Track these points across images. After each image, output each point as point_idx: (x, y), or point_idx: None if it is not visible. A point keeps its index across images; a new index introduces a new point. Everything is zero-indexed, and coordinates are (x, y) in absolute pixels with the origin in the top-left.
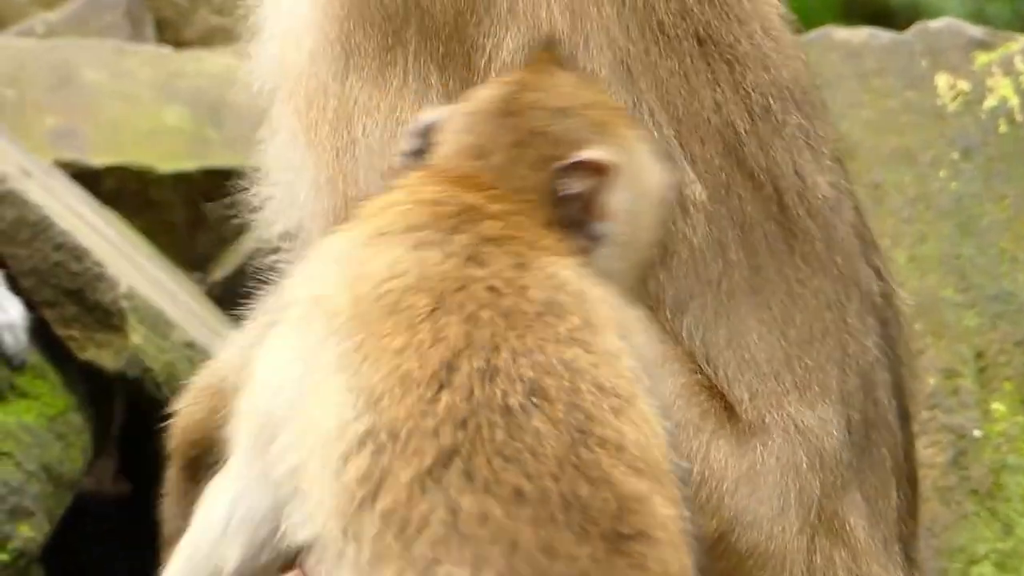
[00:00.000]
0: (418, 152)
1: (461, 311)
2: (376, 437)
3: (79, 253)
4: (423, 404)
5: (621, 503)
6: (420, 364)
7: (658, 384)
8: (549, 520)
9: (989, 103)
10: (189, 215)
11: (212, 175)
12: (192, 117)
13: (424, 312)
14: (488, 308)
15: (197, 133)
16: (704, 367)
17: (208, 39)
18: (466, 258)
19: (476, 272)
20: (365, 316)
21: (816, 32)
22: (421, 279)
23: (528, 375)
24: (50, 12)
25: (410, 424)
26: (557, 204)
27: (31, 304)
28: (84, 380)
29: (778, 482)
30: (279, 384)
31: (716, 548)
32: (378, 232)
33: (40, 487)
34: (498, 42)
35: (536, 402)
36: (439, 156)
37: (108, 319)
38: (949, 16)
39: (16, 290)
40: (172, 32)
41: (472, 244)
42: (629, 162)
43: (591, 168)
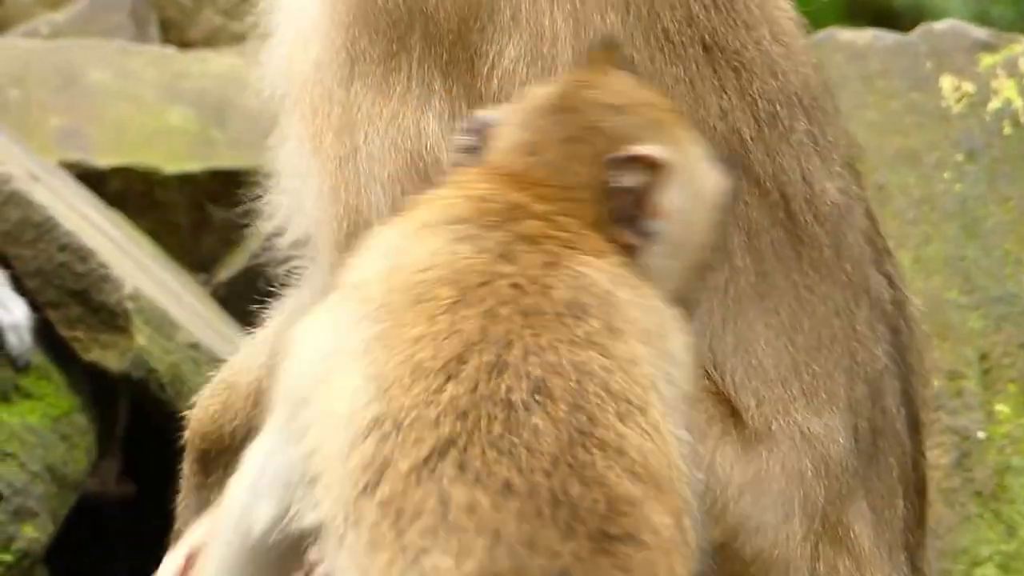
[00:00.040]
0: (473, 148)
1: (481, 305)
2: (382, 425)
3: (84, 254)
4: (429, 394)
5: (612, 504)
6: (433, 355)
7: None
8: (535, 515)
9: (993, 105)
10: (194, 216)
11: (217, 176)
12: (197, 118)
13: (446, 304)
14: (508, 305)
15: (202, 134)
16: (711, 373)
17: (213, 40)
18: (497, 255)
19: (503, 268)
20: (393, 305)
21: (821, 33)
22: (450, 272)
23: (536, 373)
24: (55, 13)
25: (414, 413)
26: (609, 198)
27: (36, 305)
28: (88, 381)
29: (783, 490)
30: (310, 360)
31: (720, 554)
32: (423, 224)
33: (44, 488)
34: (501, 49)
35: (539, 400)
36: (493, 153)
37: (113, 320)
38: (953, 18)
39: (21, 291)
40: (177, 33)
41: (506, 241)
42: (684, 162)
43: (645, 163)
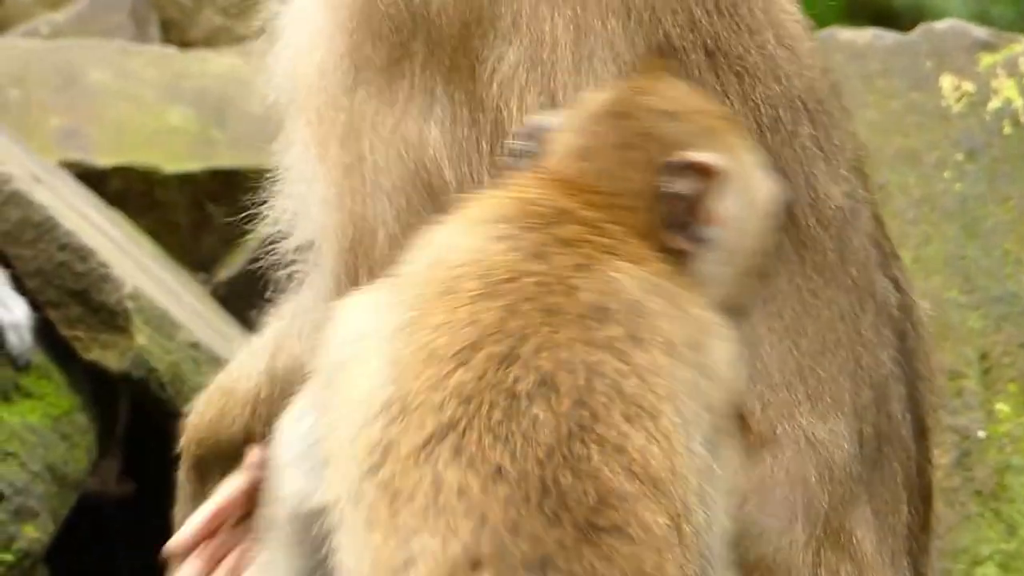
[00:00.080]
0: (528, 153)
1: (504, 299)
2: (390, 408)
3: (84, 253)
4: (438, 379)
5: (602, 497)
6: (448, 342)
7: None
8: (523, 501)
9: (994, 104)
10: (194, 216)
11: (217, 176)
12: (197, 118)
13: (470, 296)
14: (530, 301)
15: (202, 134)
16: None
17: (213, 40)
18: (530, 254)
19: (533, 267)
20: (425, 295)
21: (821, 33)
22: (480, 267)
23: (545, 367)
24: (55, 13)
25: (421, 397)
26: (661, 203)
27: (36, 304)
28: (89, 380)
29: (787, 495)
30: (345, 339)
31: None
32: (470, 222)
33: (45, 487)
34: (501, 55)
35: (543, 392)
36: (548, 157)
37: (113, 319)
38: (954, 17)
39: (21, 290)
40: (177, 32)
41: (542, 242)
42: (738, 169)
43: (699, 170)
